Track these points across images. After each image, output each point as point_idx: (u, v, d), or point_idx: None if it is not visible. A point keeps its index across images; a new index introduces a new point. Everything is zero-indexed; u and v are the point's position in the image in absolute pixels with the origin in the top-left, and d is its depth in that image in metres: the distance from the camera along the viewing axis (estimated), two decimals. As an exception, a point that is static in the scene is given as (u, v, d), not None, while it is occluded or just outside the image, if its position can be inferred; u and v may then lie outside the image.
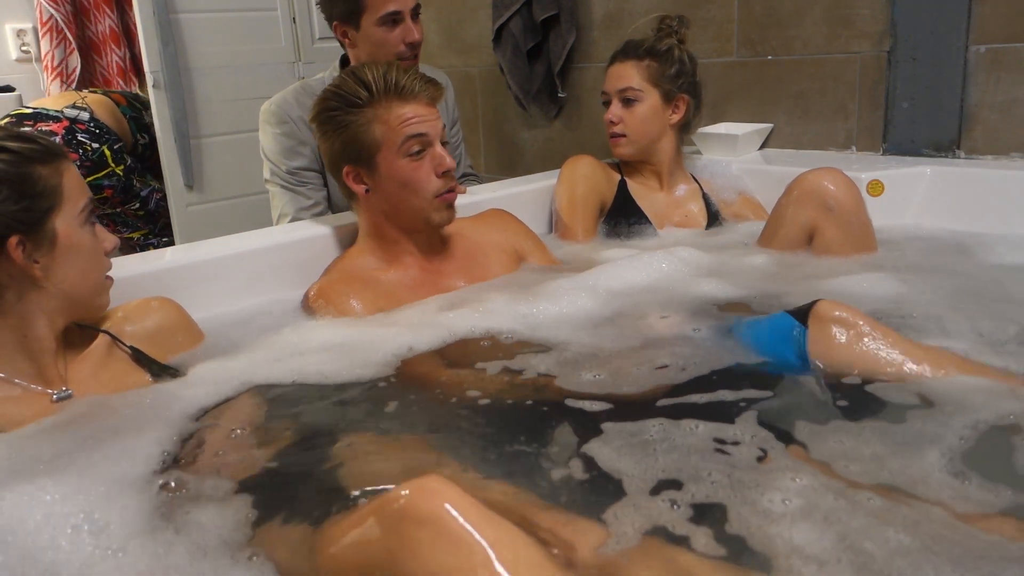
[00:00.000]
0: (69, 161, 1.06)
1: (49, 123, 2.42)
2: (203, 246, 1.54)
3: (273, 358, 1.23)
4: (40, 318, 1.05)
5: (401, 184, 1.42)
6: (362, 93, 1.40)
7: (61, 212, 1.03)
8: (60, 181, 1.03)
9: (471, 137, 3.10)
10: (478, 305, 1.37)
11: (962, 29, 1.89)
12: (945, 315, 1.27)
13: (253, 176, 2.16)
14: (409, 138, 1.40)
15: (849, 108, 2.13)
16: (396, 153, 1.41)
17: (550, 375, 1.16)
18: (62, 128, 2.44)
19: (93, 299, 1.11)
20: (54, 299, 1.05)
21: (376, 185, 1.44)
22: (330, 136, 1.44)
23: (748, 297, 1.43)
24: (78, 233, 1.05)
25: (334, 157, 1.46)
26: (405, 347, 1.26)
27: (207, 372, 1.18)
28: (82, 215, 1.06)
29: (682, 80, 1.86)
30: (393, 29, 1.82)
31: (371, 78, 1.40)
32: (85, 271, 1.07)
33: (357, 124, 1.41)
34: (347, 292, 1.42)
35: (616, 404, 1.06)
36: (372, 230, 1.50)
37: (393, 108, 1.40)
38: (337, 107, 1.42)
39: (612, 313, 1.37)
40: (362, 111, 1.40)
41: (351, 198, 1.50)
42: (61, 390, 1.08)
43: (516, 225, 1.67)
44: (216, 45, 2.84)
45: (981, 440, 0.94)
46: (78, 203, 1.05)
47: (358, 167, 1.43)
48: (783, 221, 1.65)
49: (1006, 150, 1.91)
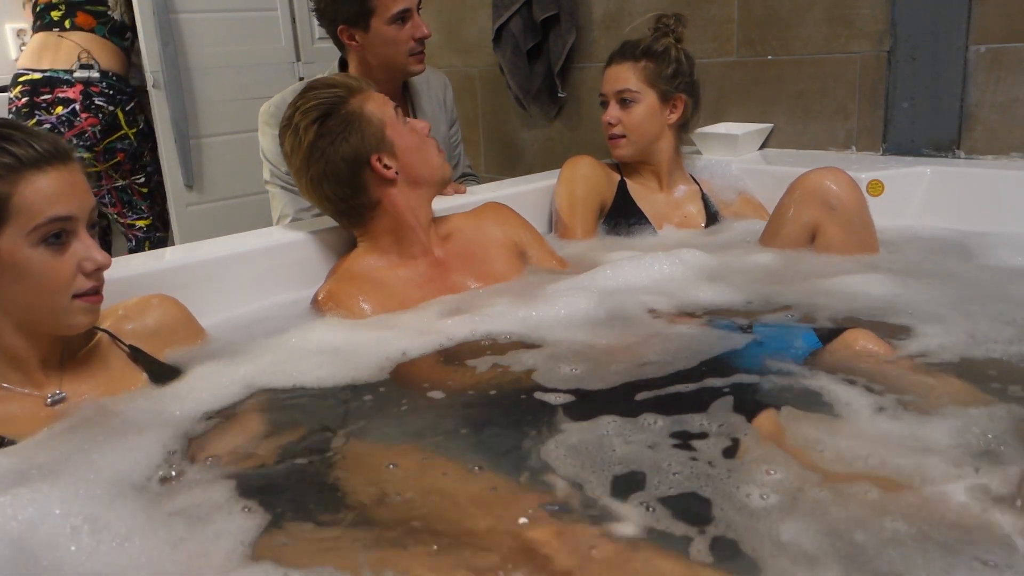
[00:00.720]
0: (35, 174, 0.96)
1: (65, 89, 2.45)
2: (203, 246, 1.54)
3: (273, 360, 1.23)
4: (5, 329, 1.02)
5: (416, 149, 1.47)
6: (340, 91, 1.43)
7: (6, 230, 0.96)
8: (10, 194, 0.95)
9: (471, 137, 3.10)
10: (480, 308, 1.37)
11: (962, 29, 1.89)
12: (945, 315, 1.27)
13: (253, 176, 2.15)
14: (396, 107, 1.47)
15: (849, 108, 2.13)
16: (397, 124, 1.45)
17: (551, 376, 1.16)
18: (78, 93, 2.46)
19: (57, 320, 1.02)
20: (10, 315, 1.01)
21: (400, 162, 1.45)
22: (339, 141, 1.41)
23: (751, 297, 1.43)
24: (24, 253, 0.97)
25: (354, 155, 1.42)
26: (399, 352, 1.26)
27: (206, 374, 1.18)
28: (35, 233, 0.97)
29: (679, 80, 1.86)
30: (403, 27, 1.84)
31: (334, 80, 1.46)
32: (36, 292, 0.99)
33: (355, 113, 1.42)
34: (357, 293, 1.42)
35: (613, 404, 1.06)
36: (388, 226, 1.48)
37: (371, 93, 1.46)
38: (327, 112, 1.41)
39: (615, 313, 1.37)
40: (348, 103, 1.42)
41: (365, 211, 1.47)
42: (54, 393, 1.06)
43: (514, 219, 1.67)
44: (216, 45, 2.84)
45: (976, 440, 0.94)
46: (31, 221, 0.96)
47: (380, 152, 1.44)
48: (785, 220, 1.65)
49: (1006, 150, 1.91)
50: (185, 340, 1.25)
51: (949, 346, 1.17)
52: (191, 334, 1.27)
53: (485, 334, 1.30)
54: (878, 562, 0.75)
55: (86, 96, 2.47)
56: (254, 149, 1.98)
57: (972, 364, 1.14)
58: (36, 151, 0.97)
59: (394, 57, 1.88)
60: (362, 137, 1.41)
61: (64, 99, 2.45)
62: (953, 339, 1.19)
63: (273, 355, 1.25)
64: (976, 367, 1.13)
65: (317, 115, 1.41)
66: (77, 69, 2.49)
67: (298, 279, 1.55)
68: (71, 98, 2.45)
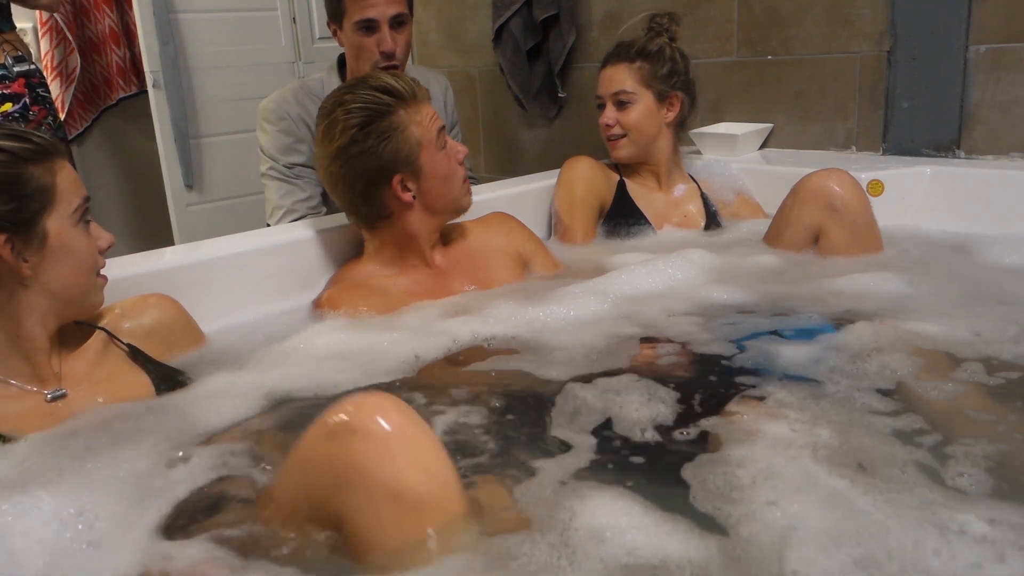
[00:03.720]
0: (64, 159, 1.05)
1: (9, 84, 2.39)
2: (203, 246, 1.54)
3: (274, 362, 1.23)
4: (31, 317, 1.04)
5: (443, 179, 1.44)
6: (387, 98, 1.39)
7: (54, 212, 1.02)
8: (54, 181, 1.02)
9: (471, 137, 3.10)
10: (482, 311, 1.37)
11: (962, 29, 1.89)
12: (947, 314, 1.27)
13: (253, 176, 2.15)
14: (440, 130, 1.44)
15: (849, 108, 2.13)
16: (434, 149, 1.42)
17: (557, 378, 1.16)
18: (23, 87, 2.41)
19: (86, 298, 1.10)
20: (44, 299, 1.04)
21: (421, 188, 1.43)
22: (368, 154, 1.38)
23: (761, 298, 1.43)
24: (70, 233, 1.04)
25: (378, 171, 1.40)
26: (411, 354, 1.25)
27: (206, 376, 1.18)
28: (76, 214, 1.05)
29: (675, 79, 1.86)
30: (368, 36, 1.82)
31: (389, 84, 1.40)
32: (77, 270, 1.06)
33: (398, 129, 1.38)
34: (356, 300, 1.42)
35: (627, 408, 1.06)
36: (393, 239, 1.48)
37: (420, 107, 1.42)
38: (370, 119, 1.38)
39: (623, 317, 1.36)
40: (395, 114, 1.39)
41: (373, 219, 1.46)
42: (55, 389, 1.07)
43: (519, 229, 1.67)
44: (216, 45, 2.84)
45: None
46: (72, 202, 1.04)
47: (404, 173, 1.41)
48: (788, 222, 1.65)
49: (1006, 150, 1.91)
50: (183, 341, 1.25)
51: (950, 344, 1.17)
52: (189, 335, 1.27)
53: (490, 335, 1.30)
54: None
55: (30, 88, 2.43)
56: (254, 149, 1.98)
57: (977, 361, 1.14)
58: (54, 142, 1.06)
59: (360, 64, 1.87)
60: (394, 155, 1.39)
61: (11, 95, 2.38)
62: (954, 338, 1.20)
63: (274, 357, 1.24)
64: (982, 364, 1.13)
65: (358, 120, 1.38)
66: (13, 64, 2.44)
67: (298, 279, 1.55)
68: (18, 93, 2.40)
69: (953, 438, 0.95)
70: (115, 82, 3.14)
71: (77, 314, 1.11)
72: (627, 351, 1.24)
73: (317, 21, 3.07)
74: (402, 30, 1.85)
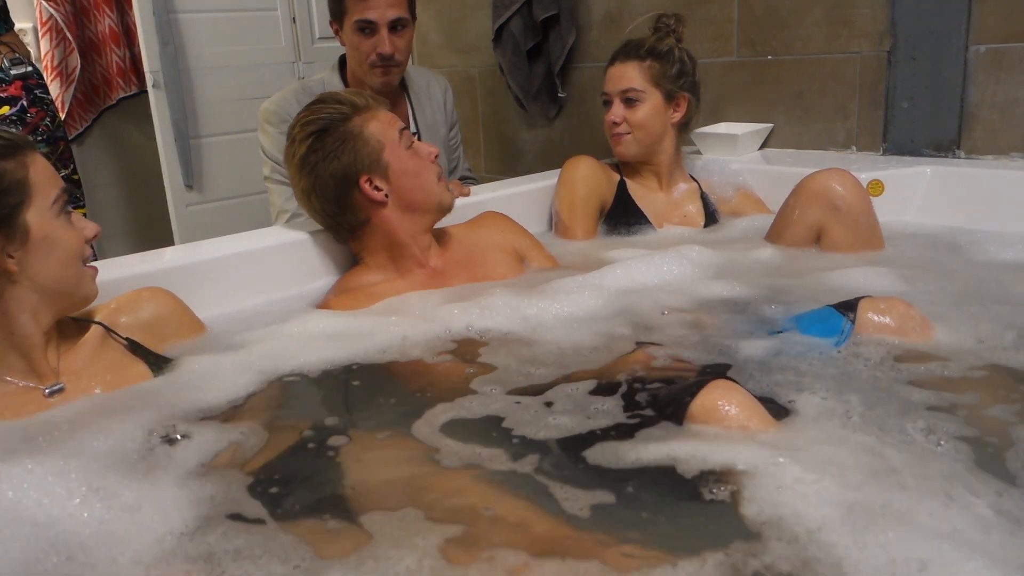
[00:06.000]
0: (35, 152, 1.04)
1: (6, 87, 2.39)
2: (203, 246, 1.54)
3: (270, 352, 1.23)
4: (23, 314, 1.04)
5: (414, 174, 1.45)
6: (342, 107, 1.43)
7: (32, 205, 1.02)
8: (27, 174, 1.01)
9: (471, 137, 3.10)
10: (478, 302, 1.37)
11: (962, 29, 1.90)
12: (947, 314, 1.27)
13: (253, 176, 2.16)
14: (402, 130, 1.46)
15: (849, 108, 2.13)
16: (398, 147, 1.44)
17: (550, 373, 1.16)
18: (20, 89, 2.41)
19: (76, 289, 1.09)
20: (35, 293, 1.04)
21: (392, 186, 1.44)
22: (330, 158, 1.41)
23: (759, 292, 1.43)
24: (52, 224, 1.04)
25: (344, 174, 1.42)
26: (399, 338, 1.27)
27: (206, 362, 1.18)
28: (56, 206, 1.05)
29: (683, 80, 1.86)
30: (366, 38, 1.84)
31: (343, 97, 1.45)
32: (64, 262, 1.06)
33: (354, 132, 1.42)
34: (356, 306, 1.43)
35: (622, 405, 1.06)
36: (382, 243, 1.49)
37: (377, 112, 1.45)
38: (325, 127, 1.42)
39: (625, 311, 1.37)
40: (351, 120, 1.42)
41: (355, 227, 1.48)
42: (53, 384, 1.08)
43: (512, 226, 1.68)
44: (216, 45, 2.84)
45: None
46: (50, 194, 1.04)
47: (370, 174, 1.43)
48: (790, 221, 1.66)
49: (1006, 150, 1.91)
50: (182, 331, 1.26)
51: (949, 344, 1.17)
52: (188, 325, 1.27)
53: (484, 329, 1.31)
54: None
55: (28, 91, 2.43)
56: (254, 149, 1.98)
57: (976, 359, 1.15)
58: (24, 136, 1.07)
59: (358, 63, 1.88)
60: (354, 157, 1.41)
61: (7, 99, 2.39)
62: (955, 338, 1.20)
63: (271, 347, 1.25)
64: (981, 363, 1.14)
65: (314, 130, 1.42)
66: (10, 67, 2.44)
67: (298, 280, 1.55)
68: (15, 96, 2.40)
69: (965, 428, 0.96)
70: (115, 82, 3.14)
71: (70, 307, 1.11)
72: (620, 347, 1.24)
73: (317, 21, 3.07)
74: (402, 33, 1.86)
